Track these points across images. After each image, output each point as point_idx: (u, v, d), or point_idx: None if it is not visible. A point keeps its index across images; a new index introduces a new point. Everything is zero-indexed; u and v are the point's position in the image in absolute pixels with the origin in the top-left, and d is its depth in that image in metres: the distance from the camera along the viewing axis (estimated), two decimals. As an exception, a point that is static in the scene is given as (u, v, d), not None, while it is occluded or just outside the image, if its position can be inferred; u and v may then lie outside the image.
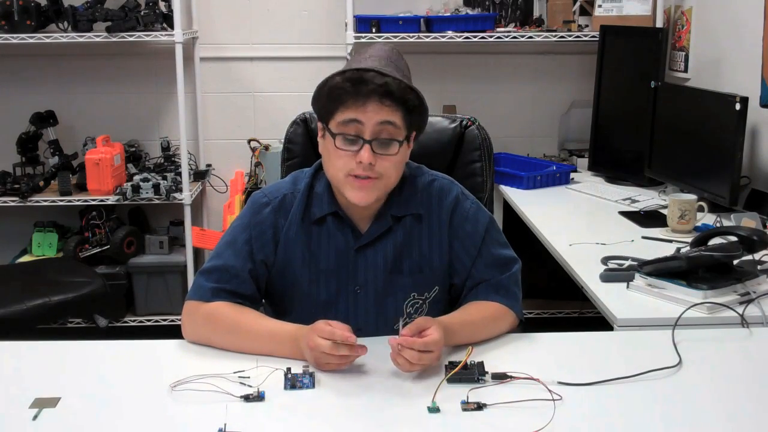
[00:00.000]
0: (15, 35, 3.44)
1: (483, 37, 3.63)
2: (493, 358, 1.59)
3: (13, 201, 3.54)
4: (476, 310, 1.73)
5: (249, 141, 3.96)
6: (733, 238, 2.01)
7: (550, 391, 1.44)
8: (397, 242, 1.76)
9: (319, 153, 2.10)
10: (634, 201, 3.04)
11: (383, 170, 1.66)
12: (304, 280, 1.76)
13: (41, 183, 3.63)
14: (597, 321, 2.05)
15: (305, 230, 1.76)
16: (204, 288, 1.70)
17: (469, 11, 3.78)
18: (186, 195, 3.61)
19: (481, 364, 1.53)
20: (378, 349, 1.65)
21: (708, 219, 2.62)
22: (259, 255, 1.74)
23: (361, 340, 1.65)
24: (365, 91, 1.61)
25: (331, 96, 1.64)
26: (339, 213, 1.75)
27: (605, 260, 2.26)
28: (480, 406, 1.40)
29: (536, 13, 3.85)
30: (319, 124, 1.73)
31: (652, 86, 3.20)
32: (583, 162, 3.70)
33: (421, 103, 1.69)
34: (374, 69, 1.62)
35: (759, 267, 2.05)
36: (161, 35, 3.51)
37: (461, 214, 1.78)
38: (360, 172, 1.64)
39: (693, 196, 2.60)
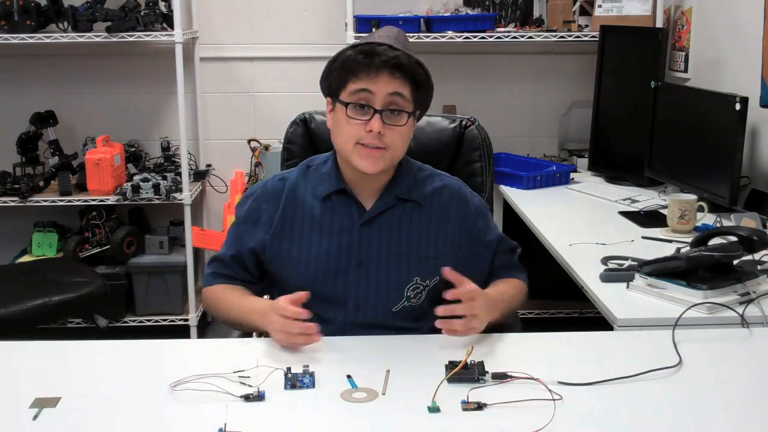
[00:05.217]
0: (15, 35, 3.44)
1: (483, 37, 3.63)
2: (493, 358, 1.59)
3: (13, 201, 3.54)
4: (507, 286, 1.86)
5: (249, 141, 3.96)
6: (733, 238, 2.02)
7: (550, 391, 1.44)
8: (403, 225, 1.81)
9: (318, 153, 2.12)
10: (634, 201, 3.04)
11: (391, 141, 1.72)
12: (305, 256, 1.80)
13: (41, 183, 3.62)
14: (597, 321, 2.05)
15: (311, 207, 1.82)
16: (206, 276, 1.89)
17: (469, 11, 3.78)
18: (186, 195, 3.61)
19: (481, 364, 1.53)
20: (378, 348, 1.65)
21: (708, 219, 2.62)
22: (246, 241, 1.84)
23: (362, 338, 1.65)
24: (377, 62, 1.69)
25: (344, 67, 1.73)
26: (346, 190, 1.80)
27: (605, 260, 2.26)
28: (480, 406, 1.40)
29: (536, 13, 3.84)
30: (328, 100, 1.80)
31: (652, 86, 3.20)
32: (583, 162, 3.70)
33: (428, 79, 1.77)
34: (385, 43, 1.71)
35: (759, 267, 2.05)
36: (161, 35, 3.51)
37: (473, 214, 1.87)
38: (369, 141, 1.70)
39: (693, 196, 2.60)
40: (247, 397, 1.43)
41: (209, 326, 2.19)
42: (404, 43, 1.76)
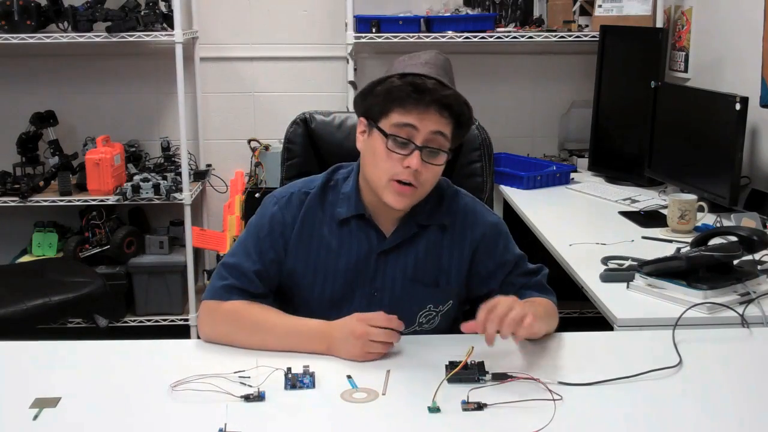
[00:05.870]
0: (15, 35, 3.44)
1: (483, 37, 3.63)
2: (493, 358, 1.58)
3: (13, 201, 3.54)
4: (536, 300, 1.73)
5: (249, 141, 3.96)
6: (733, 238, 2.02)
7: (550, 391, 1.44)
8: (420, 251, 1.76)
9: (320, 155, 2.10)
10: (634, 201, 3.04)
11: (425, 180, 1.66)
12: (320, 279, 1.76)
13: (41, 183, 3.62)
14: (597, 321, 2.05)
15: (328, 228, 1.75)
16: (216, 287, 1.72)
17: (469, 11, 3.78)
18: (186, 195, 3.61)
19: (481, 364, 1.53)
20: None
21: (708, 219, 2.62)
22: (269, 254, 1.74)
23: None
24: (428, 99, 1.61)
25: (390, 96, 1.63)
26: (365, 215, 1.75)
27: (605, 260, 2.26)
28: (480, 406, 1.40)
29: (536, 13, 3.85)
30: (363, 120, 1.71)
31: (652, 86, 3.20)
32: (583, 162, 3.70)
33: (470, 119, 1.71)
34: (436, 78, 1.63)
35: (759, 267, 2.05)
36: (161, 35, 3.51)
37: (491, 234, 1.79)
38: (404, 178, 1.64)
39: (693, 196, 2.60)
40: (247, 398, 1.43)
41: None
42: (450, 74, 1.70)
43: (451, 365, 1.52)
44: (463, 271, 1.78)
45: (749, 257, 2.03)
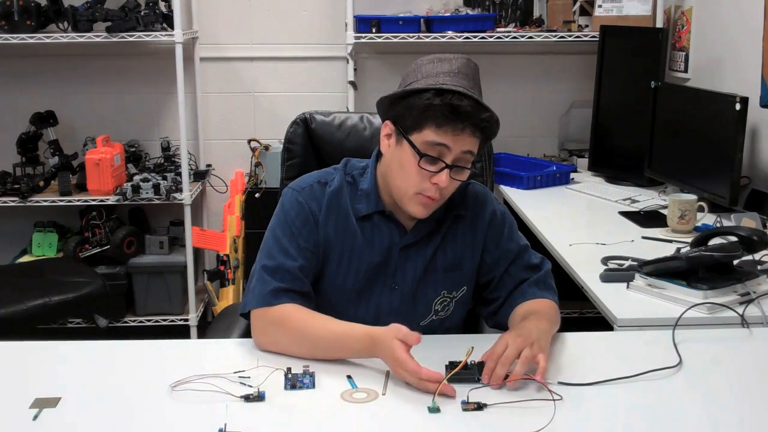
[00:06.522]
0: (15, 35, 3.44)
1: (483, 37, 3.63)
2: (493, 358, 1.58)
3: (13, 201, 3.54)
4: (539, 307, 1.74)
5: (249, 141, 3.96)
6: (733, 238, 2.02)
7: (550, 391, 1.44)
8: (438, 241, 1.78)
9: (320, 155, 2.09)
10: (634, 201, 3.04)
11: (448, 192, 1.69)
12: (342, 271, 1.75)
13: (41, 183, 3.63)
14: (597, 321, 2.05)
15: (351, 222, 1.75)
16: (263, 293, 1.66)
17: (469, 11, 3.78)
18: (186, 195, 3.61)
19: (481, 364, 1.52)
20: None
21: (708, 219, 2.62)
22: (308, 245, 1.71)
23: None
24: (465, 122, 1.61)
25: (426, 114, 1.62)
26: (385, 212, 1.76)
27: (605, 260, 2.26)
28: (480, 406, 1.40)
29: (536, 13, 3.85)
30: (391, 126, 1.70)
31: (652, 86, 3.20)
32: (583, 162, 3.70)
33: (496, 134, 1.72)
34: (473, 96, 1.62)
35: (759, 267, 2.05)
36: (161, 35, 3.51)
37: (498, 222, 1.82)
38: (431, 194, 1.65)
39: (693, 196, 2.60)
40: (247, 398, 1.43)
41: (209, 326, 2.15)
42: (479, 84, 1.70)
43: (451, 365, 1.51)
44: (476, 256, 1.80)
45: (749, 257, 2.03)
